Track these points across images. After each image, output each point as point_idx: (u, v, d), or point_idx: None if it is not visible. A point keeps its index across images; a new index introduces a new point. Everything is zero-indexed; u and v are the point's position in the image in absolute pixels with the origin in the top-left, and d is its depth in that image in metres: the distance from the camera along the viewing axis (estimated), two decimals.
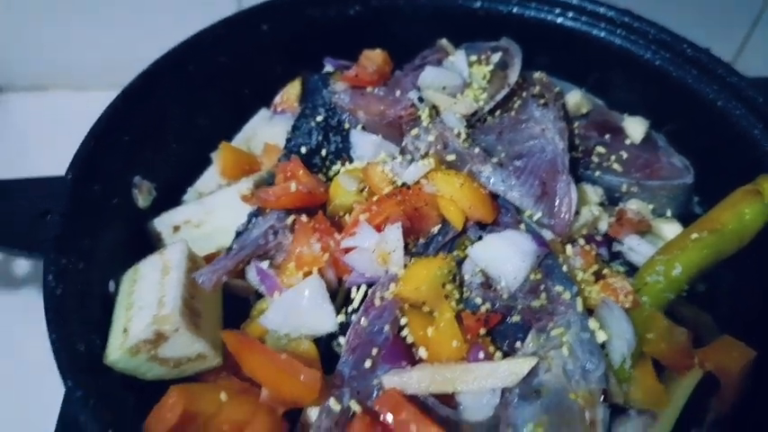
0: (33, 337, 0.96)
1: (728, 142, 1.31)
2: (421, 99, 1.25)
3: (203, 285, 1.04)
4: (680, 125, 1.38)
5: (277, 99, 1.46)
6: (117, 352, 0.95)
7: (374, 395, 0.94)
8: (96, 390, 0.90)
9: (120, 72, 1.31)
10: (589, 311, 1.01)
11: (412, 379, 0.93)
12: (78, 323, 0.99)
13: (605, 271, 1.09)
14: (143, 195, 1.27)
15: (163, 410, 0.88)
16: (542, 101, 1.23)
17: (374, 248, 1.05)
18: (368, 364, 0.96)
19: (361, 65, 1.35)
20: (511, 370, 0.91)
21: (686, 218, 1.27)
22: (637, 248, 1.19)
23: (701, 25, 1.47)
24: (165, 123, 1.35)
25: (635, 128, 1.30)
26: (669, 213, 1.27)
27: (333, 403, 0.93)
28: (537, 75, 1.33)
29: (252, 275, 1.09)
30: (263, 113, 1.45)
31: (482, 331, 0.98)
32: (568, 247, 1.11)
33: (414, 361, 0.97)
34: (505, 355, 0.97)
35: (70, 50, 1.89)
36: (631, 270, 1.18)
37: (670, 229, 1.23)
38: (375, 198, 1.13)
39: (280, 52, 1.49)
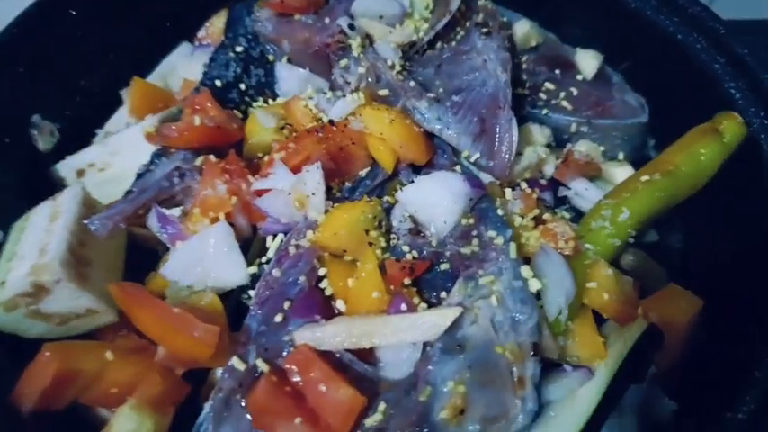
0: None
1: (687, 79, 1.20)
2: (352, 27, 1.13)
3: (97, 232, 0.92)
4: (636, 61, 1.28)
5: (201, 32, 1.32)
6: None
7: (285, 353, 0.84)
8: None
9: None
10: (527, 260, 0.93)
11: (326, 333, 0.83)
12: None
13: (546, 216, 1.00)
14: (44, 137, 1.14)
15: (35, 370, 0.78)
16: (485, 30, 1.11)
17: (290, 191, 0.95)
18: (278, 318, 0.86)
19: None
20: (433, 321, 0.82)
21: (640, 162, 1.17)
22: (584, 193, 1.10)
23: None
24: (69, 56, 1.21)
25: (587, 62, 1.19)
26: (621, 156, 1.17)
27: (236, 362, 0.83)
28: (481, 2, 1.21)
29: (153, 222, 0.97)
30: (183, 48, 1.31)
31: (407, 281, 0.89)
32: (508, 191, 1.02)
33: (331, 315, 0.87)
34: (431, 307, 0.88)
35: None
36: (578, 217, 1.09)
37: (622, 173, 1.14)
38: (293, 135, 1.01)
39: None
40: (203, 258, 0.91)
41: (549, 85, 1.17)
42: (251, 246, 0.98)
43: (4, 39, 1.08)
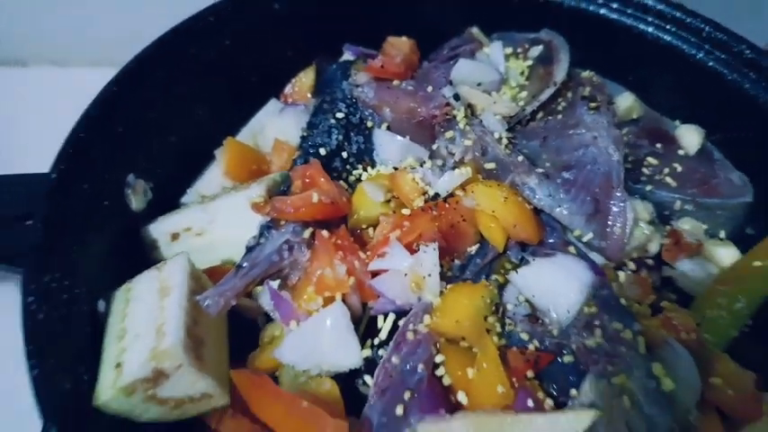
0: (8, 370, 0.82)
1: None
2: (456, 97, 1.11)
3: (209, 311, 0.89)
4: (732, 134, 1.26)
5: (288, 89, 1.31)
6: (109, 392, 0.81)
7: None
8: None
9: (103, 48, 1.16)
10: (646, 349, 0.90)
11: (451, 430, 0.80)
12: (63, 354, 0.85)
13: (663, 303, 0.97)
14: (137, 196, 1.12)
15: None
16: (593, 104, 1.10)
17: (407, 272, 0.92)
18: (399, 410, 0.83)
19: (386, 53, 1.20)
20: (569, 424, 0.78)
21: (739, 240, 1.15)
22: (690, 274, 1.07)
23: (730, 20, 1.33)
24: (162, 114, 1.19)
25: (690, 137, 1.17)
26: (723, 234, 1.15)
27: None
28: (586, 74, 1.20)
29: (265, 300, 0.95)
30: (272, 105, 1.30)
31: (530, 373, 0.86)
32: (621, 275, 0.99)
33: (451, 407, 0.85)
34: (556, 401, 0.85)
35: (51, 25, 1.71)
36: (681, 297, 1.07)
37: (725, 253, 1.11)
38: (405, 212, 0.99)
39: (292, 36, 1.33)
40: (319, 341, 0.88)
41: (651, 160, 1.14)
42: (360, 325, 0.96)
43: (107, 98, 1.07)
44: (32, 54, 1.78)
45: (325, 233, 0.97)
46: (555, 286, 0.91)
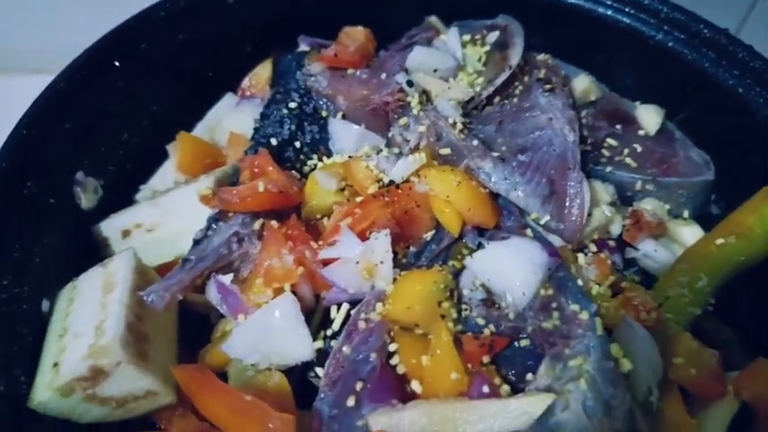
0: None
1: (749, 133, 1.16)
2: (410, 83, 1.09)
3: (153, 305, 0.86)
4: (694, 114, 1.24)
5: (245, 82, 1.29)
6: (45, 392, 0.78)
7: None
8: None
9: (47, 55, 1.13)
10: (606, 330, 0.87)
11: (404, 420, 0.77)
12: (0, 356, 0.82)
13: (624, 284, 0.95)
14: (87, 194, 1.09)
15: None
16: (548, 86, 1.08)
17: (358, 260, 0.90)
18: (351, 401, 0.80)
19: (340, 43, 1.18)
20: (523, 409, 0.76)
21: (703, 218, 1.13)
22: (653, 255, 1.06)
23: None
24: (113, 110, 1.17)
25: (649, 117, 1.16)
26: (686, 214, 1.13)
27: None
28: (541, 57, 1.18)
29: (212, 293, 0.92)
30: (228, 99, 1.27)
31: (485, 358, 0.84)
32: (580, 256, 0.97)
33: (405, 396, 0.82)
34: (513, 386, 0.83)
35: (30, 33, 1.69)
36: (646, 278, 1.05)
37: (689, 232, 1.09)
38: (359, 199, 0.96)
39: (248, 29, 1.31)
40: (268, 334, 0.86)
41: (611, 141, 1.12)
42: (313, 316, 0.93)
43: (54, 94, 1.04)
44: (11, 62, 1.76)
45: (274, 223, 0.94)
46: (509, 269, 0.89)
